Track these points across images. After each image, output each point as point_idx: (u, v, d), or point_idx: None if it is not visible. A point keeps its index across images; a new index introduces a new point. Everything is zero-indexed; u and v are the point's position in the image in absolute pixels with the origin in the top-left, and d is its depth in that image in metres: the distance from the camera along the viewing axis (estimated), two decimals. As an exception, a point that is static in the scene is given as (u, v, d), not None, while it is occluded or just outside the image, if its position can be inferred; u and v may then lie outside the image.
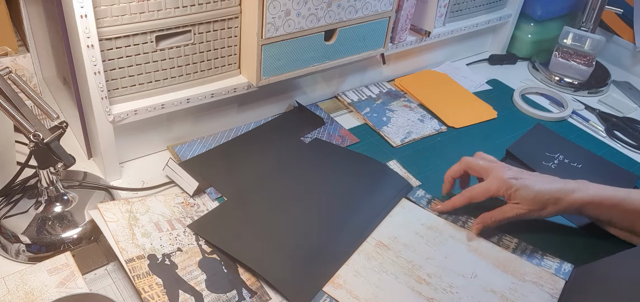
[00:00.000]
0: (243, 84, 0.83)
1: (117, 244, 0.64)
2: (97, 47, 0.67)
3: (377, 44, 0.92)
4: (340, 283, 0.66)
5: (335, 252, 0.70)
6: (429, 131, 0.97)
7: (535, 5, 1.20)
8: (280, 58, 0.80)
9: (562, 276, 0.70)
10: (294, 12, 0.77)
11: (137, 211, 0.70)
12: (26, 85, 0.64)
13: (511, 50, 1.27)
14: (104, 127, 0.73)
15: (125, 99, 0.75)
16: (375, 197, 0.79)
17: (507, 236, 0.76)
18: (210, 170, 0.80)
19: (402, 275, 0.68)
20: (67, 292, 0.60)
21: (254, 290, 0.64)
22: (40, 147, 0.61)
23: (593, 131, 1.03)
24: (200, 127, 0.87)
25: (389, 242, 0.73)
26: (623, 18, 1.23)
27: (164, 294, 0.61)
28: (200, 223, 0.71)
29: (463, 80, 1.14)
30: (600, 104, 1.13)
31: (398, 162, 0.88)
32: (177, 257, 0.66)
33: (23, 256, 0.65)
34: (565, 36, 1.15)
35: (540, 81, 1.19)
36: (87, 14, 0.64)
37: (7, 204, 0.69)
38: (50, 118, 0.64)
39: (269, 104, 0.94)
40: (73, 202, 0.70)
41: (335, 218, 0.75)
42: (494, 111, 1.05)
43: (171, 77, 0.77)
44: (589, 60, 1.15)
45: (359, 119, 0.98)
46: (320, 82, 1.00)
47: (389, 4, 0.88)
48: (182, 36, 0.75)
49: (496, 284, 0.68)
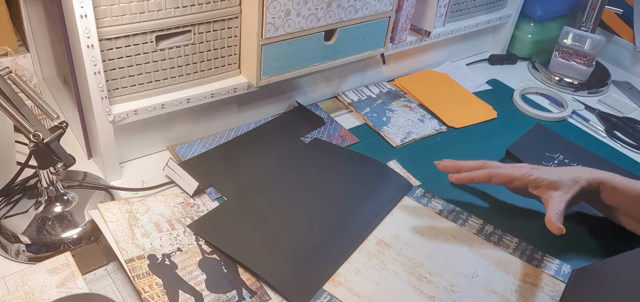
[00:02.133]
0: (243, 84, 0.83)
1: (117, 244, 0.64)
2: (97, 47, 0.67)
3: (377, 44, 0.92)
4: (340, 281, 0.66)
5: (335, 252, 0.70)
6: (429, 131, 0.97)
7: (535, 5, 1.20)
8: (280, 58, 0.80)
9: (561, 278, 0.70)
10: (294, 12, 0.77)
11: (137, 211, 0.70)
12: (26, 85, 0.64)
13: (511, 50, 1.27)
14: (104, 127, 0.73)
15: (125, 99, 0.75)
16: (375, 197, 0.79)
17: (507, 236, 0.76)
18: (210, 170, 0.80)
19: (403, 273, 0.68)
20: (67, 292, 0.59)
21: (254, 290, 0.64)
22: (40, 147, 0.61)
23: (593, 131, 1.03)
24: (200, 127, 0.87)
25: (390, 241, 0.73)
26: (623, 18, 1.23)
27: (164, 294, 0.61)
28: (200, 223, 0.71)
29: (463, 80, 1.14)
30: (600, 104, 1.13)
31: (398, 162, 0.88)
32: (177, 257, 0.66)
33: (23, 256, 0.65)
34: (565, 36, 1.15)
35: (540, 81, 1.19)
36: (87, 14, 0.64)
37: (7, 204, 0.69)
38: (50, 118, 0.64)
39: (269, 104, 0.94)
40: (73, 202, 0.70)
41: (335, 218, 0.75)
42: (494, 111, 1.05)
43: (171, 77, 0.77)
44: (589, 60, 1.15)
45: (359, 119, 0.98)
46: (320, 82, 1.00)
47: (389, 4, 0.88)
48: (182, 36, 0.75)
49: (497, 285, 0.68)
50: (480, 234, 0.76)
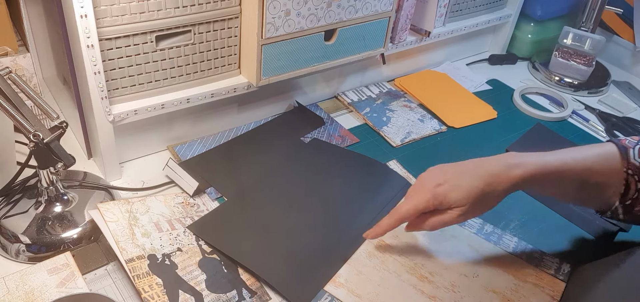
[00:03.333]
0: (243, 84, 0.83)
1: (117, 244, 0.64)
2: (97, 47, 0.67)
3: (377, 44, 0.92)
4: (341, 282, 0.66)
5: (335, 253, 0.70)
6: (429, 131, 0.97)
7: (535, 5, 1.20)
8: (280, 58, 0.80)
9: (561, 278, 0.70)
10: (294, 12, 0.77)
11: (137, 211, 0.70)
12: (26, 85, 0.64)
13: (511, 50, 1.27)
14: (104, 127, 0.73)
15: (125, 99, 0.75)
16: (375, 197, 0.79)
17: (507, 235, 0.76)
18: (210, 170, 0.80)
19: (404, 273, 0.68)
20: (67, 292, 0.59)
21: (254, 290, 0.64)
22: (40, 147, 0.61)
23: (593, 131, 1.03)
24: (200, 127, 0.87)
25: (390, 241, 0.73)
26: (623, 18, 1.23)
27: (164, 294, 0.61)
28: (200, 224, 0.71)
29: (463, 80, 1.14)
30: (600, 104, 1.13)
31: (398, 162, 0.88)
32: (177, 257, 0.66)
33: (23, 256, 0.65)
34: (565, 36, 1.15)
35: (540, 81, 1.19)
36: (87, 14, 0.64)
37: (7, 204, 0.69)
38: (50, 118, 0.64)
39: (269, 104, 0.94)
40: (73, 202, 0.70)
41: (335, 218, 0.75)
42: (494, 111, 1.05)
43: (171, 77, 0.77)
44: (589, 60, 1.15)
45: (359, 119, 0.98)
46: (320, 82, 1.00)
47: (389, 4, 0.88)
48: (182, 36, 0.75)
49: (497, 285, 0.68)
50: (480, 233, 0.76)
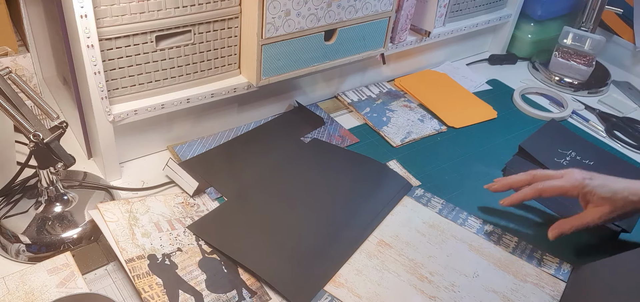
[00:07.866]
0: (243, 84, 0.83)
1: (117, 244, 0.64)
2: (97, 47, 0.67)
3: (377, 44, 0.92)
4: (341, 282, 0.66)
5: (335, 253, 0.70)
6: (429, 131, 0.97)
7: (535, 5, 1.20)
8: (280, 58, 0.80)
9: (561, 278, 0.70)
10: (294, 12, 0.77)
11: (137, 211, 0.70)
12: (26, 85, 0.64)
13: (511, 50, 1.27)
14: (104, 127, 0.73)
15: (125, 99, 0.75)
16: (375, 197, 0.79)
17: (507, 235, 0.76)
18: (210, 170, 0.80)
19: (404, 273, 0.68)
20: (67, 292, 0.59)
21: (254, 290, 0.64)
22: (40, 147, 0.61)
23: (593, 131, 1.03)
24: (200, 127, 0.87)
25: (390, 241, 0.73)
26: (623, 18, 1.23)
27: (164, 294, 0.61)
28: (200, 224, 0.71)
29: (463, 80, 1.14)
30: (600, 104, 1.13)
31: (398, 162, 0.88)
32: (177, 257, 0.66)
33: (23, 256, 0.65)
34: (565, 36, 1.15)
35: (540, 81, 1.19)
36: (87, 14, 0.64)
37: (7, 204, 0.69)
38: (50, 118, 0.64)
39: (269, 104, 0.94)
40: (73, 202, 0.70)
41: (335, 218, 0.75)
42: (494, 111, 1.05)
43: (171, 77, 0.77)
44: (589, 60, 1.15)
45: (359, 119, 0.98)
46: (320, 82, 1.00)
47: (389, 4, 0.88)
48: (182, 36, 0.75)
49: (497, 285, 0.68)
50: (480, 233, 0.76)
